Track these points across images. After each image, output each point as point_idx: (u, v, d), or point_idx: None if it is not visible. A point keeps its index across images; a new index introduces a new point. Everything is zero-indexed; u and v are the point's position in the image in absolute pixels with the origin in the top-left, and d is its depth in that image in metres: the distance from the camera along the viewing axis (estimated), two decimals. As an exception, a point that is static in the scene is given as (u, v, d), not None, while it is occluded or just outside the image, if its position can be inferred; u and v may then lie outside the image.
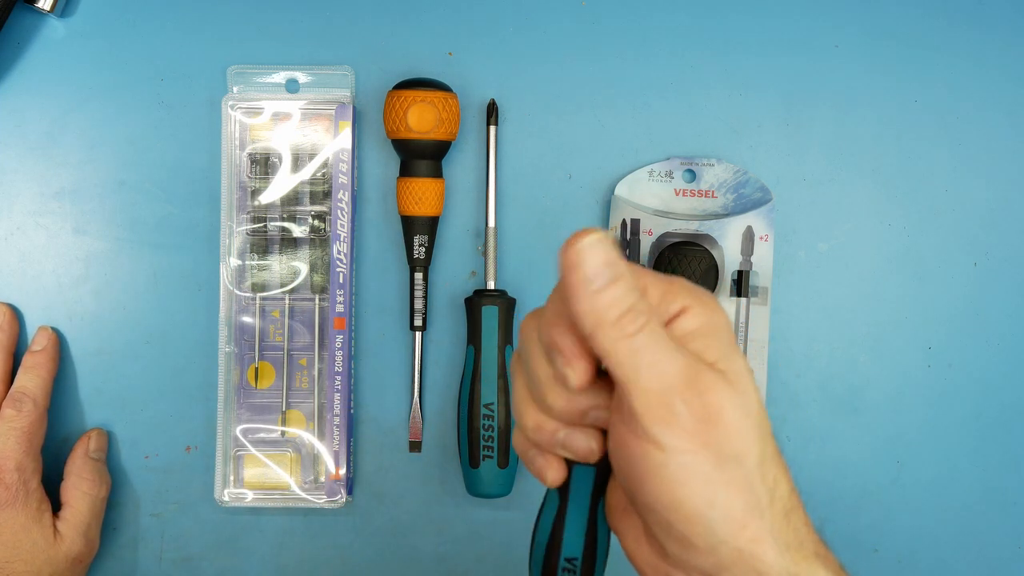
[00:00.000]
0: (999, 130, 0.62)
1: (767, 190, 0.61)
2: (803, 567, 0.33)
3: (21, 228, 0.61)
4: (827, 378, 0.62)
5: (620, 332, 0.30)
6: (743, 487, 0.32)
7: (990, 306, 0.62)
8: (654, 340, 0.31)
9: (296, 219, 0.60)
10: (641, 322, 0.30)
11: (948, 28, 0.62)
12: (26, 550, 0.54)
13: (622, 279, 0.30)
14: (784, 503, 0.33)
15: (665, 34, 0.62)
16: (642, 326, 0.30)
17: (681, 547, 0.33)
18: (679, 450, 0.31)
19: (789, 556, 0.32)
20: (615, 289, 0.30)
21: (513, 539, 0.62)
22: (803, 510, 0.34)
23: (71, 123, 0.61)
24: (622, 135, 0.61)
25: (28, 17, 0.60)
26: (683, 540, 0.32)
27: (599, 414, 0.33)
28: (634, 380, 0.31)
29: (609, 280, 0.30)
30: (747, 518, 0.32)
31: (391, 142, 0.59)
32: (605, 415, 0.33)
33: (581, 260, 0.31)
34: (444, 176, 0.60)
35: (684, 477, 0.31)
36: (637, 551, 0.36)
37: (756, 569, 0.32)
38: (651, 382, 0.31)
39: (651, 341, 0.31)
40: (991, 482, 0.62)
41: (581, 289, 0.30)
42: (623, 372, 0.31)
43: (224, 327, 0.60)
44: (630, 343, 0.30)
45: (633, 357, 0.31)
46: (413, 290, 0.60)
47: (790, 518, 0.33)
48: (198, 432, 0.61)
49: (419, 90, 0.57)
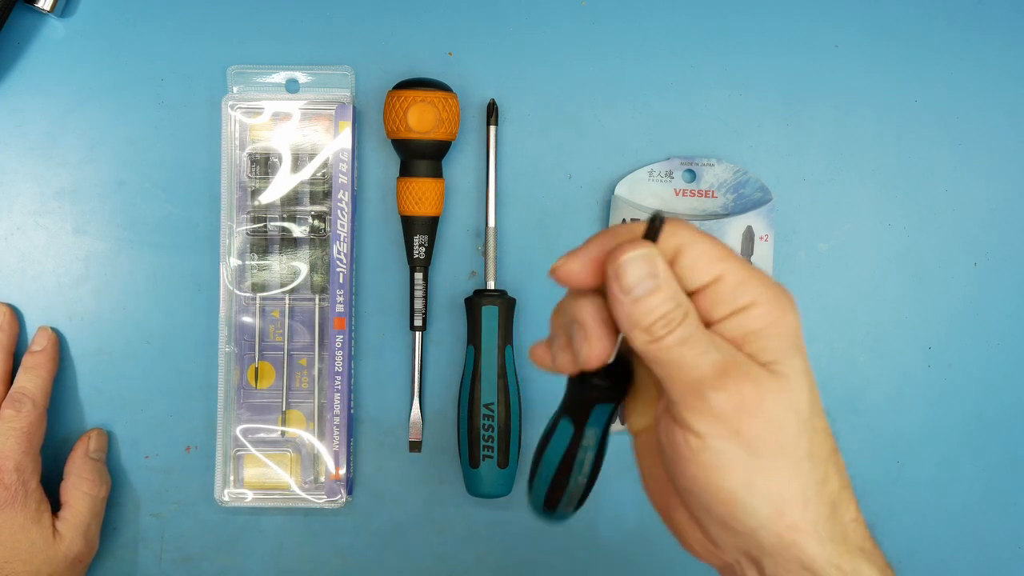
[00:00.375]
0: (999, 130, 0.62)
1: (767, 190, 0.61)
2: (846, 560, 0.34)
3: (21, 228, 0.61)
4: (827, 378, 0.62)
5: (651, 336, 0.33)
6: (784, 477, 0.33)
7: (990, 306, 0.62)
8: (685, 339, 0.33)
9: (296, 219, 0.60)
10: (673, 326, 0.32)
11: (948, 28, 0.62)
12: (25, 550, 0.54)
13: (660, 291, 0.32)
14: (833, 496, 0.34)
15: (665, 34, 0.62)
16: (674, 328, 0.32)
17: (722, 529, 0.34)
18: (713, 435, 0.32)
19: (832, 547, 0.33)
20: (652, 299, 0.32)
21: (513, 539, 0.62)
22: (855, 505, 0.35)
23: (71, 123, 0.61)
24: (622, 135, 0.61)
25: (28, 17, 0.60)
26: (723, 523, 0.34)
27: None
28: (666, 375, 0.33)
29: (647, 292, 0.32)
30: (787, 506, 0.33)
31: (391, 142, 0.59)
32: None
33: (622, 273, 0.33)
34: (444, 176, 0.60)
35: (719, 463, 0.33)
36: (687, 531, 0.37)
37: (797, 557, 0.33)
38: (683, 375, 0.33)
39: (682, 340, 0.32)
40: (991, 482, 0.62)
41: (619, 297, 0.33)
42: (657, 368, 0.33)
43: (224, 327, 0.60)
44: (660, 344, 0.33)
45: (665, 354, 0.33)
46: (413, 290, 0.60)
47: (837, 511, 0.34)
48: (198, 432, 0.61)
49: (419, 90, 0.57)
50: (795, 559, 0.34)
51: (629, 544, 0.62)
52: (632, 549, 0.62)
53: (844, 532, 0.34)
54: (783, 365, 0.33)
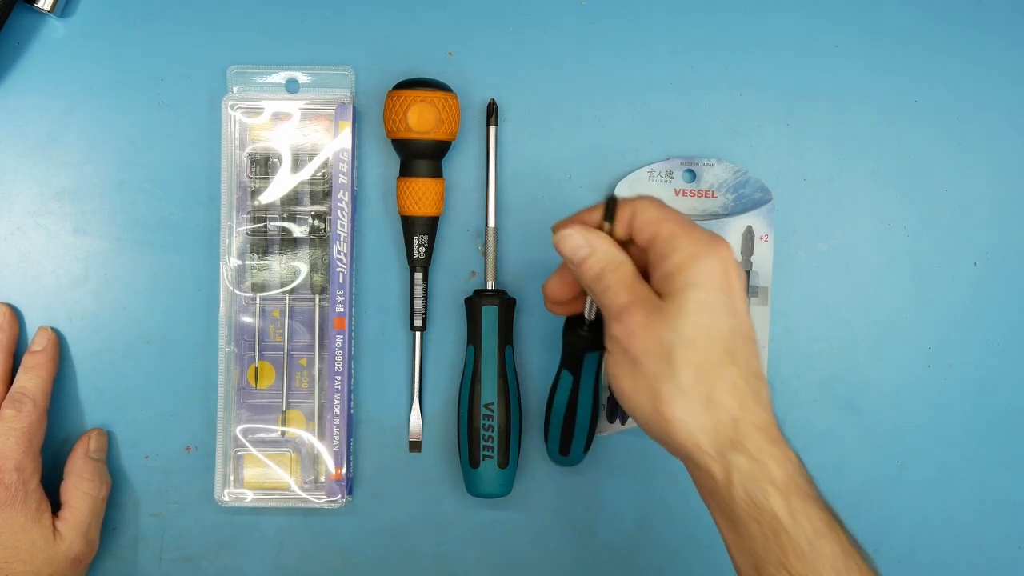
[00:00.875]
0: (999, 130, 0.62)
1: (767, 190, 0.61)
2: (712, 446, 0.43)
3: (21, 228, 0.61)
4: (827, 378, 0.62)
5: (595, 285, 0.46)
6: (659, 381, 0.43)
7: (990, 306, 0.62)
8: (608, 287, 0.46)
9: (296, 219, 0.60)
10: (608, 278, 0.46)
11: (948, 28, 0.62)
12: (25, 550, 0.54)
13: (592, 256, 0.46)
14: (708, 397, 0.43)
15: (665, 34, 0.62)
16: (608, 280, 0.46)
17: (632, 415, 0.46)
18: (614, 352, 0.45)
19: (703, 437, 0.43)
20: (587, 262, 0.46)
21: (513, 539, 0.62)
22: (753, 423, 0.43)
23: (71, 123, 0.61)
24: (622, 135, 0.61)
25: (28, 17, 0.60)
26: (633, 417, 0.46)
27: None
28: (603, 307, 0.46)
29: (582, 258, 0.46)
30: (662, 404, 0.43)
31: (391, 142, 0.59)
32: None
33: (562, 246, 0.47)
34: (444, 176, 0.60)
35: (618, 372, 0.45)
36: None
37: (674, 444, 0.44)
38: (605, 312, 0.46)
39: (606, 287, 0.46)
40: (991, 482, 0.62)
41: (567, 261, 0.48)
42: (599, 306, 0.47)
43: (224, 327, 0.60)
44: (599, 291, 0.46)
45: (598, 298, 0.47)
46: (413, 290, 0.60)
47: (711, 410, 0.43)
48: (198, 432, 0.61)
49: (419, 90, 0.57)
50: (674, 447, 0.44)
51: (629, 544, 0.62)
52: (632, 549, 0.62)
53: (716, 426, 0.43)
54: (676, 298, 0.43)
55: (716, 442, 0.43)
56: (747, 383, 0.43)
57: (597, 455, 0.61)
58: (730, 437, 0.42)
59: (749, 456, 0.42)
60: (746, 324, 0.44)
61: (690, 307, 0.43)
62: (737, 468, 0.42)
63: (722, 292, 0.43)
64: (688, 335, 0.43)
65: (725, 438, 0.42)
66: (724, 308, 0.43)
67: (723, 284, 0.43)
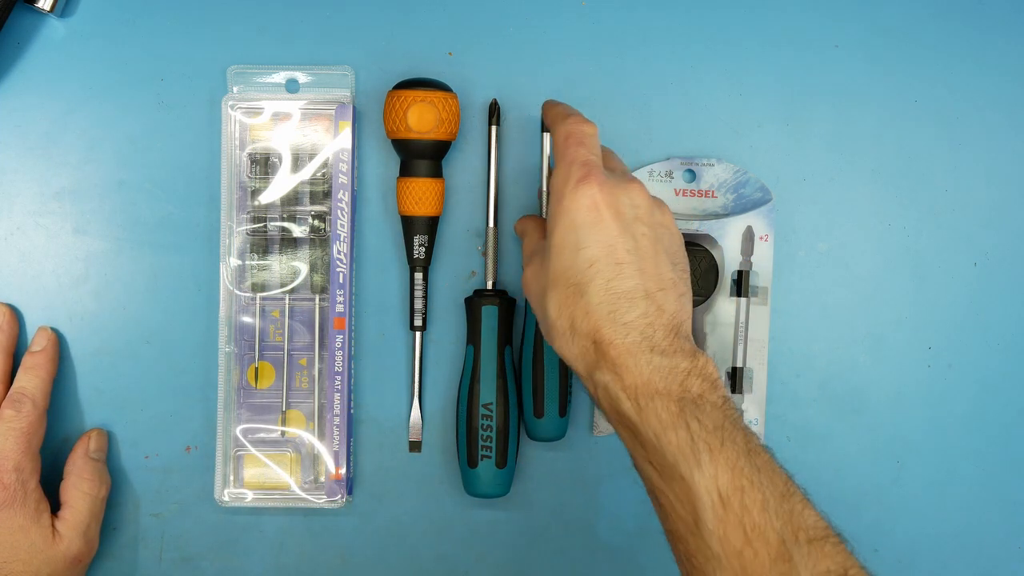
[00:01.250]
0: (999, 130, 0.62)
1: (767, 190, 0.61)
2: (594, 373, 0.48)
3: (21, 228, 0.61)
4: (827, 378, 0.62)
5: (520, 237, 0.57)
6: (542, 322, 0.51)
7: (990, 306, 0.62)
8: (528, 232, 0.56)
9: (296, 219, 0.60)
10: (522, 230, 0.58)
11: (948, 28, 0.62)
12: (24, 550, 0.54)
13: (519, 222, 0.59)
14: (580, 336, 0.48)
15: (665, 34, 0.62)
16: (522, 231, 0.57)
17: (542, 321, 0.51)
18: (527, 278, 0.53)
19: (580, 365, 0.49)
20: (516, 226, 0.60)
21: (513, 539, 0.62)
22: (610, 341, 0.47)
23: (71, 123, 0.61)
24: (622, 135, 0.61)
25: (28, 17, 0.60)
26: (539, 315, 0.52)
27: None
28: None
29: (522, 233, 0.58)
30: (551, 341, 0.50)
31: (391, 142, 0.59)
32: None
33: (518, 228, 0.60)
34: (444, 176, 0.60)
35: (530, 289, 0.52)
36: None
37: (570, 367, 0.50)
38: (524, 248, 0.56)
39: (524, 234, 0.57)
40: (991, 482, 0.62)
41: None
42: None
43: (224, 327, 0.60)
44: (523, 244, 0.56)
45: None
46: (413, 290, 0.60)
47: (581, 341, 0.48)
48: (198, 432, 0.61)
49: (419, 90, 0.57)
50: (556, 348, 0.50)
51: (629, 544, 0.62)
52: (632, 549, 0.62)
53: (582, 352, 0.48)
54: (547, 240, 0.50)
55: (585, 365, 0.48)
56: (600, 306, 0.47)
57: (597, 455, 0.61)
58: (593, 358, 0.47)
59: (606, 371, 0.47)
60: (601, 252, 0.48)
61: (551, 252, 0.49)
62: (599, 384, 0.47)
63: (574, 230, 0.48)
64: (551, 277, 0.49)
65: (591, 360, 0.47)
66: (573, 245, 0.48)
67: (578, 220, 0.48)
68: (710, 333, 0.60)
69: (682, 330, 0.48)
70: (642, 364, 0.46)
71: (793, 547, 0.41)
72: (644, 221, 0.49)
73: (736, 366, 0.60)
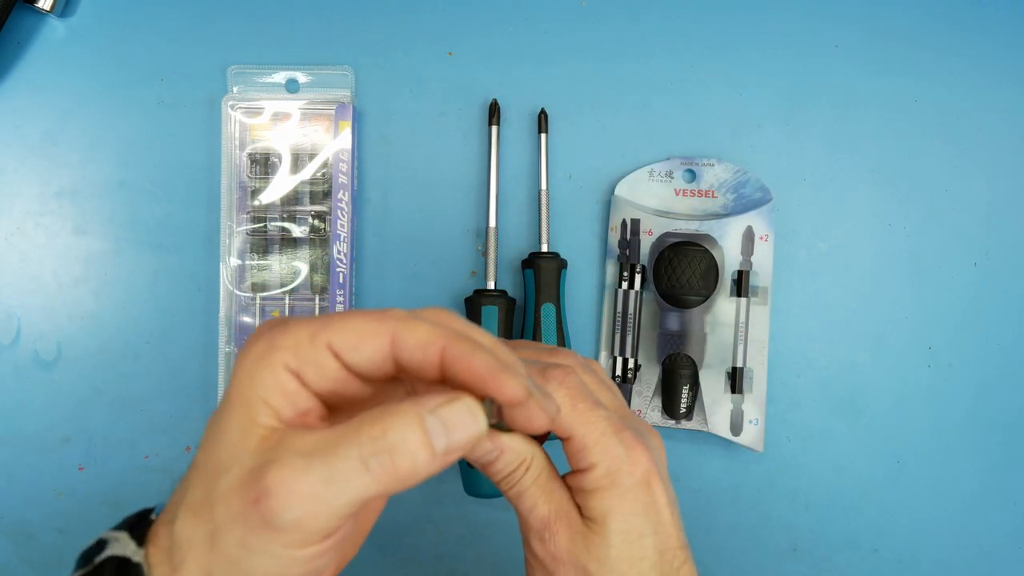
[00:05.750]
0: (999, 130, 0.62)
1: (767, 190, 0.61)
2: None
3: (21, 228, 0.61)
4: (827, 378, 0.62)
5: (502, 487, 0.40)
6: None
7: (990, 306, 0.62)
8: (520, 493, 0.40)
9: (296, 219, 0.60)
10: (513, 482, 0.40)
11: (948, 28, 0.62)
12: None
13: (500, 458, 0.39)
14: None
15: (665, 34, 0.62)
16: (513, 484, 0.40)
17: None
18: (534, 568, 0.40)
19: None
20: (496, 464, 0.39)
21: (513, 539, 0.62)
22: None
23: (71, 123, 0.61)
24: (622, 135, 0.62)
25: (28, 17, 0.60)
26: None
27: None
28: (520, 514, 0.40)
29: (490, 460, 0.39)
30: None
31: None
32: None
33: (472, 450, 0.38)
34: (444, 176, 0.60)
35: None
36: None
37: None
38: (522, 518, 0.40)
39: (518, 494, 0.40)
40: (991, 482, 0.62)
41: (478, 464, 0.39)
42: (513, 507, 0.40)
43: (224, 327, 0.60)
44: (507, 493, 0.40)
45: (512, 501, 0.40)
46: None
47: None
48: (198, 432, 0.61)
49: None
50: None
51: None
52: (632, 549, 0.62)
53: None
54: (597, 524, 0.39)
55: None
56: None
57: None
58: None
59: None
60: (671, 535, 0.41)
61: (613, 538, 0.40)
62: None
63: (645, 514, 0.40)
64: (613, 560, 0.40)
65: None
66: (647, 531, 0.40)
67: (646, 502, 0.40)
68: (710, 333, 0.60)
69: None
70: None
71: None
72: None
73: (736, 366, 0.60)
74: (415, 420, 0.31)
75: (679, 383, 0.60)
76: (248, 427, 0.31)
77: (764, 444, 0.60)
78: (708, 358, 0.60)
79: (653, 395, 0.61)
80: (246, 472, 0.31)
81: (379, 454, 0.30)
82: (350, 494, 0.30)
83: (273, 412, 0.32)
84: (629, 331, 0.61)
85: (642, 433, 0.41)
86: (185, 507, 0.32)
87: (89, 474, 0.61)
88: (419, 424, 0.31)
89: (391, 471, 0.30)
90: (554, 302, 0.59)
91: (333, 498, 0.30)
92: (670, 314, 0.60)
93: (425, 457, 0.31)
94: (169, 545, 0.32)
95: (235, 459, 0.31)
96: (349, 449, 0.30)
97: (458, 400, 0.32)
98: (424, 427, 0.31)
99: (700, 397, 0.60)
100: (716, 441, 0.62)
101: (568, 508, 0.40)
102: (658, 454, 0.41)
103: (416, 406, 0.31)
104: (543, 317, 0.60)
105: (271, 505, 0.30)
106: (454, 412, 0.32)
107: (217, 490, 0.31)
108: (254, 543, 0.30)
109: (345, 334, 0.32)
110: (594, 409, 0.40)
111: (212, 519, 0.31)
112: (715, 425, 0.60)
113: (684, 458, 0.62)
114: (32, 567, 0.61)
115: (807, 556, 0.62)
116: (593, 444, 0.40)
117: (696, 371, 0.60)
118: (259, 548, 0.30)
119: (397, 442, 0.30)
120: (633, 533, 0.40)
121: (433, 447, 0.31)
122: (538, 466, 0.40)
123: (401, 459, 0.30)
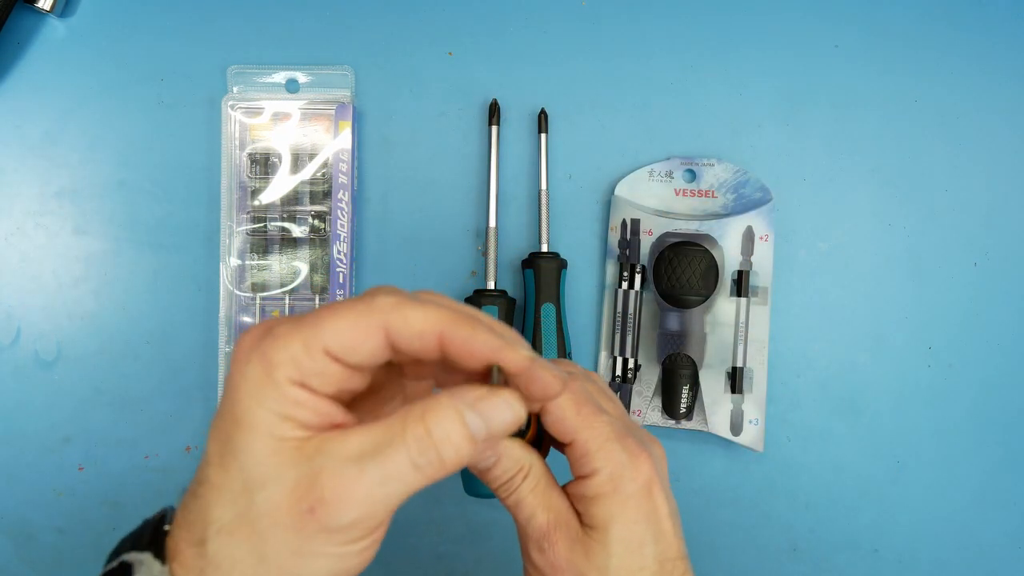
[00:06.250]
0: (999, 130, 0.62)
1: (767, 190, 0.61)
2: None
3: (21, 228, 0.61)
4: (827, 378, 0.62)
5: (499, 494, 0.40)
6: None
7: (990, 306, 0.62)
8: (518, 501, 0.40)
9: (296, 219, 0.60)
10: (511, 489, 0.40)
11: (948, 28, 0.62)
12: None
13: (498, 464, 0.39)
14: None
15: (665, 34, 0.62)
16: (511, 491, 0.40)
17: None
18: (541, 571, 0.40)
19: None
20: (493, 471, 0.39)
21: (513, 539, 0.61)
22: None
23: (71, 123, 0.61)
24: (622, 135, 0.61)
25: (28, 17, 0.60)
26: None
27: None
28: (518, 523, 0.40)
29: (488, 466, 0.39)
30: None
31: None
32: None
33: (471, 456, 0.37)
34: (444, 176, 0.60)
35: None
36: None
37: None
38: (520, 526, 0.40)
39: (516, 502, 0.40)
40: (991, 482, 0.62)
41: (475, 469, 0.40)
42: (512, 514, 0.40)
43: (224, 327, 0.60)
44: (503, 500, 0.40)
45: (510, 508, 0.40)
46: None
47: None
48: (198, 432, 0.61)
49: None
50: None
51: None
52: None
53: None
54: (598, 532, 0.39)
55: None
56: None
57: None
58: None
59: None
60: (672, 545, 0.41)
61: (614, 547, 0.40)
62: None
63: (646, 522, 0.40)
64: (613, 568, 0.40)
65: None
66: (648, 540, 0.40)
67: (647, 510, 0.40)
68: (710, 333, 0.60)
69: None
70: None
71: None
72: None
73: (736, 366, 0.60)
74: (456, 416, 0.33)
75: (679, 383, 0.60)
76: (274, 444, 0.32)
77: (764, 444, 0.60)
78: (708, 358, 0.60)
79: (653, 395, 0.61)
80: (291, 485, 0.32)
81: (426, 452, 0.32)
82: (403, 491, 0.32)
83: (297, 424, 0.32)
84: (629, 331, 0.61)
85: (645, 442, 0.41)
86: (218, 530, 0.33)
87: (89, 474, 0.61)
88: (460, 419, 0.33)
89: (439, 466, 0.33)
90: (554, 302, 0.59)
91: (387, 497, 0.32)
92: (670, 314, 0.60)
93: (469, 449, 0.33)
94: (201, 566, 0.33)
95: (269, 476, 0.32)
96: (398, 451, 0.32)
97: (496, 395, 0.34)
98: (464, 421, 0.33)
99: (700, 397, 0.60)
100: (716, 441, 0.62)
101: (567, 517, 0.40)
102: (660, 463, 0.41)
103: (454, 400, 0.33)
104: (543, 317, 0.60)
105: (329, 511, 0.31)
106: (492, 406, 0.34)
107: (255, 507, 0.32)
108: (309, 548, 0.32)
109: (339, 336, 0.33)
110: (597, 415, 0.40)
111: (255, 534, 0.32)
112: (715, 425, 0.60)
113: (684, 458, 0.62)
114: (32, 567, 0.61)
115: (807, 556, 0.62)
116: (596, 449, 0.39)
117: (696, 371, 0.60)
118: (316, 551, 0.32)
119: (442, 438, 0.32)
120: (634, 541, 0.39)
121: (475, 439, 0.33)
122: (536, 474, 0.40)
123: (447, 453, 0.32)
